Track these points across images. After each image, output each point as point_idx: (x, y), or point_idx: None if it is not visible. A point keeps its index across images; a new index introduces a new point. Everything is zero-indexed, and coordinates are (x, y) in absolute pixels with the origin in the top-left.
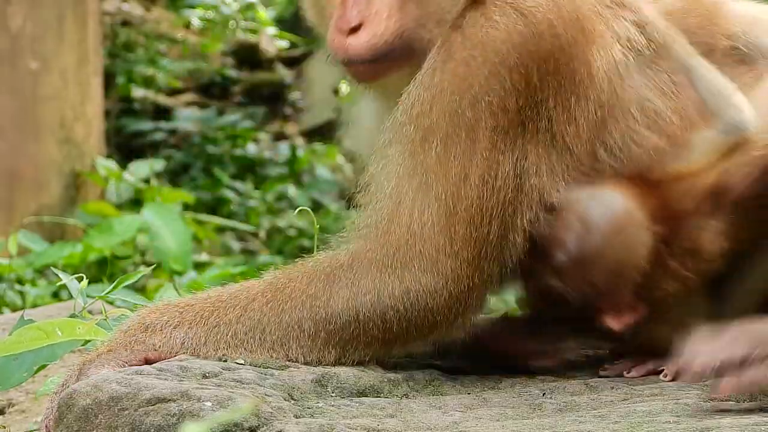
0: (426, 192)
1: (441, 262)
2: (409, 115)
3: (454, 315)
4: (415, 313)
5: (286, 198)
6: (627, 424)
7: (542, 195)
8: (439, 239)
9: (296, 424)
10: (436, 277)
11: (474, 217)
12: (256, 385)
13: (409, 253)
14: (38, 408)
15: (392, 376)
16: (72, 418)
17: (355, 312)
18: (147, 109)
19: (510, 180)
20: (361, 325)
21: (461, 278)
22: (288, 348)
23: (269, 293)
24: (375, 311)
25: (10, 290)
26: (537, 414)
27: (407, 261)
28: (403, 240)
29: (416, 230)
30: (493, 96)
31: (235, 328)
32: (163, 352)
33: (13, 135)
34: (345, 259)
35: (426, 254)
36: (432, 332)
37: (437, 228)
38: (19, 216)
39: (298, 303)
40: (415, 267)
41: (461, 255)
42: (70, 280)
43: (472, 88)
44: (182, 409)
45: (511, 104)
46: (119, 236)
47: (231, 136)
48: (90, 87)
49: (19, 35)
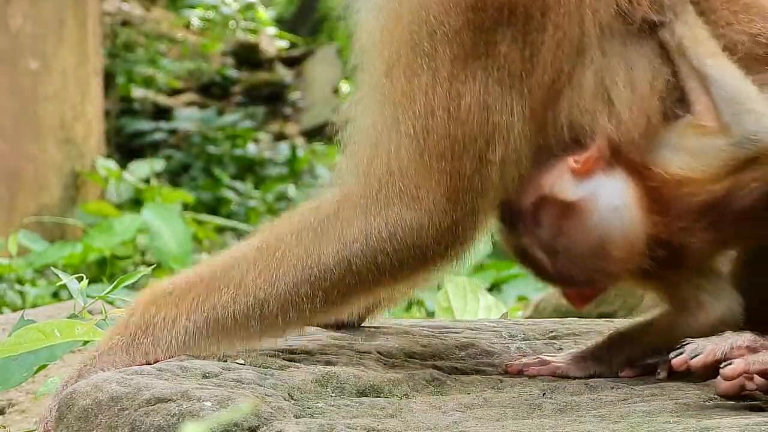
0: (397, 128)
1: (422, 197)
2: (372, 43)
3: (443, 249)
4: (405, 252)
5: (286, 198)
6: (627, 424)
7: (510, 136)
8: (416, 175)
9: (296, 424)
10: (419, 213)
11: (445, 151)
12: (256, 385)
13: (390, 192)
14: (38, 408)
15: (392, 376)
16: (72, 418)
17: (347, 263)
18: (147, 109)
19: (475, 113)
20: (355, 275)
21: (443, 212)
22: (288, 317)
23: (260, 262)
24: (366, 258)
25: (10, 290)
26: (537, 414)
27: (389, 200)
28: (384, 179)
29: (394, 168)
30: (448, 26)
31: (233, 309)
32: (164, 354)
33: (13, 135)
34: (331, 207)
35: (406, 191)
36: (425, 268)
37: (413, 164)
38: (19, 216)
39: (290, 267)
40: (397, 205)
41: (439, 189)
42: (70, 280)
43: (429, 17)
44: (182, 409)
45: (467, 36)
46: (119, 236)
47: (231, 136)
48: (90, 87)
49: (19, 35)
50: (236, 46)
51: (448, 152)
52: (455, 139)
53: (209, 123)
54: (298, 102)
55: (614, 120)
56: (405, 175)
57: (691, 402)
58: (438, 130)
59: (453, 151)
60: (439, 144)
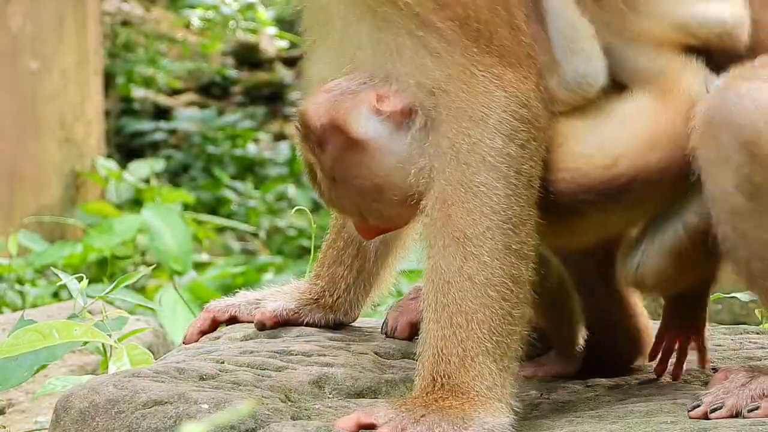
0: (426, 28)
1: (502, 74)
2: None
3: (545, 108)
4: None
5: (286, 198)
6: (624, 424)
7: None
8: (483, 59)
9: (293, 426)
10: (513, 88)
11: (487, 25)
12: (252, 386)
13: (480, 86)
14: (38, 408)
15: (389, 377)
16: (69, 421)
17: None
18: (147, 109)
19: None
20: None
21: (526, 78)
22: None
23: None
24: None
25: (10, 290)
26: (534, 414)
27: (487, 94)
28: (465, 84)
29: (466, 64)
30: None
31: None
32: None
33: (13, 135)
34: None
35: (488, 74)
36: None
37: (474, 51)
38: (19, 216)
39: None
40: (496, 93)
41: (506, 61)
42: (70, 280)
43: None
44: (179, 412)
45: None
46: (119, 236)
47: (231, 136)
48: (90, 87)
49: (19, 35)
50: (236, 46)
51: (490, 27)
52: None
53: (209, 123)
54: (298, 102)
55: None
56: (474, 64)
57: (688, 402)
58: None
59: (493, 25)
60: (478, 23)
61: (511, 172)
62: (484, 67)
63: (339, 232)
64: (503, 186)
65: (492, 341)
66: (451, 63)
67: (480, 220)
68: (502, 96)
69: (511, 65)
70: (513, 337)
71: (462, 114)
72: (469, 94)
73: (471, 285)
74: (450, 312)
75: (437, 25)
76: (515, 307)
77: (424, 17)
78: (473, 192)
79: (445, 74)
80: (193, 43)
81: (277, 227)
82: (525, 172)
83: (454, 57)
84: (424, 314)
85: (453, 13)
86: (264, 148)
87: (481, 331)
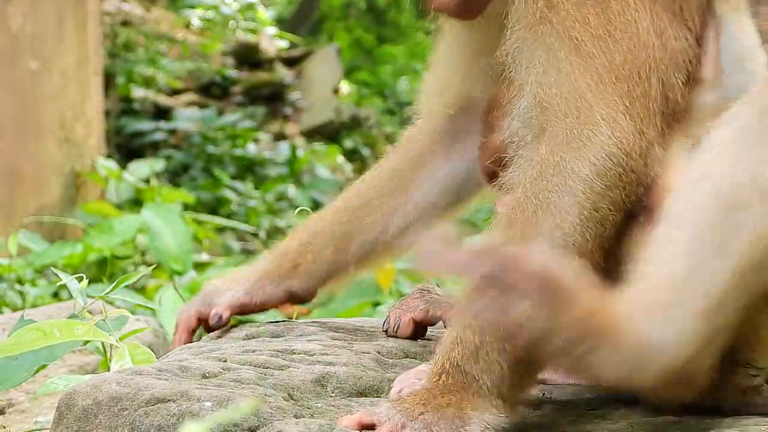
0: (577, 52)
1: (620, 120)
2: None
3: (645, 167)
4: (617, 175)
5: (286, 198)
6: (627, 424)
7: (687, 63)
8: (609, 97)
9: (296, 424)
10: (622, 134)
11: (631, 71)
12: (255, 385)
13: (590, 120)
14: (38, 408)
15: (392, 376)
16: (72, 418)
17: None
18: (147, 109)
19: (652, 36)
20: (585, 219)
21: (642, 133)
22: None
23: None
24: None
25: (10, 290)
26: (537, 414)
27: (593, 129)
28: (578, 111)
29: (585, 92)
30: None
31: None
32: None
33: (13, 135)
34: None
35: (606, 115)
36: (633, 188)
37: (603, 86)
38: (19, 216)
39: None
40: (602, 132)
41: (633, 111)
42: (70, 280)
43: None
44: (182, 410)
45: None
46: (119, 236)
47: (231, 136)
48: (90, 87)
49: (19, 35)
50: (236, 46)
51: (634, 73)
52: (639, 62)
53: (209, 123)
54: (298, 102)
55: None
56: (599, 100)
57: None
58: (621, 51)
59: (639, 73)
60: (624, 66)
61: (587, 204)
62: (605, 105)
63: (305, 227)
64: (576, 213)
65: (510, 344)
66: (574, 86)
67: (541, 233)
68: (607, 135)
69: (632, 116)
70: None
71: (562, 135)
72: (577, 121)
73: None
74: None
75: (583, 48)
76: None
77: (574, 35)
78: (544, 207)
79: (564, 92)
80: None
81: (277, 227)
82: (601, 211)
83: (579, 81)
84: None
85: (607, 46)
86: (264, 148)
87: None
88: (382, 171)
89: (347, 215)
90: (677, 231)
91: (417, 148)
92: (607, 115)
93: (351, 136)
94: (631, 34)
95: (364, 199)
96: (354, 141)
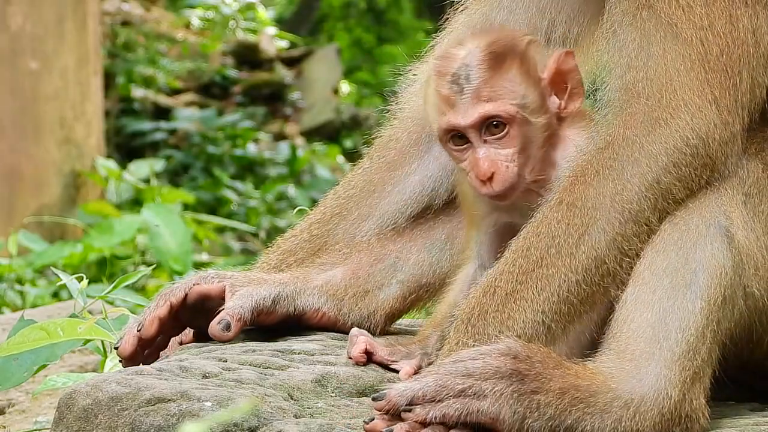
0: (675, 38)
1: (704, 108)
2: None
3: (725, 158)
4: (694, 163)
5: (286, 198)
6: None
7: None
8: (698, 84)
9: (296, 424)
10: (703, 123)
11: (725, 64)
12: (255, 385)
13: (672, 104)
14: (38, 408)
15: (392, 375)
16: (72, 418)
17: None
18: (147, 109)
19: (749, 33)
20: (665, 191)
21: (726, 124)
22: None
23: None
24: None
25: (10, 290)
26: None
27: (673, 113)
28: (660, 94)
29: (673, 77)
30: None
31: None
32: None
33: (13, 135)
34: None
35: (690, 101)
36: (706, 172)
37: (694, 73)
38: (19, 216)
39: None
40: (681, 117)
41: (721, 102)
42: (70, 280)
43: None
44: (182, 409)
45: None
46: (119, 236)
47: (231, 136)
48: (90, 87)
49: (19, 35)
50: (236, 46)
51: (728, 66)
52: (734, 56)
53: (209, 123)
54: (298, 102)
55: None
56: (685, 85)
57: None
58: (718, 44)
59: (732, 67)
60: (720, 57)
61: (649, 177)
62: (690, 91)
63: (307, 227)
64: (637, 182)
65: (546, 305)
66: (663, 70)
67: (602, 202)
68: (686, 121)
69: (720, 107)
70: (559, 322)
71: (640, 115)
72: (659, 104)
73: (566, 250)
74: (530, 260)
75: (682, 35)
76: (584, 301)
77: (675, 21)
78: (605, 173)
79: (650, 74)
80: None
81: (277, 227)
82: (663, 183)
83: (669, 66)
84: (504, 255)
85: (706, 36)
86: (264, 148)
87: (539, 289)
88: (357, 177)
89: (320, 227)
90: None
91: (392, 153)
92: (692, 102)
93: (351, 136)
94: (731, 29)
95: (336, 210)
96: (354, 141)
